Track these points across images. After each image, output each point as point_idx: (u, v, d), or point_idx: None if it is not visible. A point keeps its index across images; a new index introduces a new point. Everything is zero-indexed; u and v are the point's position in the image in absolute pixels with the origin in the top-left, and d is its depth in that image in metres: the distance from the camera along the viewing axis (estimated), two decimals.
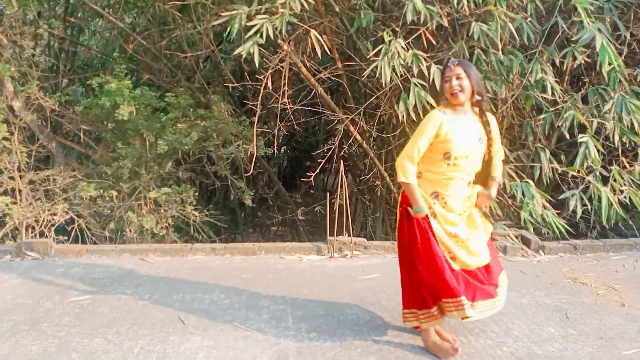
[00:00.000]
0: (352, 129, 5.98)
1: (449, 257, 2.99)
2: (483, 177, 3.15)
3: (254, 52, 4.63)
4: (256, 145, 6.01)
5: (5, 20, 6.43)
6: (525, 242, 5.18)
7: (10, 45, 6.38)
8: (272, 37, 4.65)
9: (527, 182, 5.35)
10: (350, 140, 6.10)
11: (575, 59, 5.22)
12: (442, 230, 2.99)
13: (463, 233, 3.04)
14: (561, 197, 5.44)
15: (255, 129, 5.64)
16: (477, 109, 3.04)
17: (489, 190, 3.11)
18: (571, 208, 5.34)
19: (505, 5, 4.92)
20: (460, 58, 4.34)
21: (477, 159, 3.00)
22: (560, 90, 5.16)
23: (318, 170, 5.90)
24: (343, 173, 4.93)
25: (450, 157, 2.90)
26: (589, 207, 5.39)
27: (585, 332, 3.43)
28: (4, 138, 5.98)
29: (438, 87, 3.09)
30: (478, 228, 3.11)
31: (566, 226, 5.34)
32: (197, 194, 6.42)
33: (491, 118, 3.10)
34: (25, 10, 6.49)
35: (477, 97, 2.96)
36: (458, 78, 2.88)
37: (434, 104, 5.08)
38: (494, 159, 3.14)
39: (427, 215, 2.97)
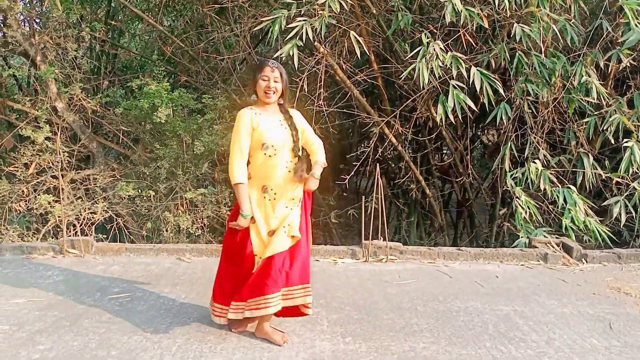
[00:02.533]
0: (387, 131, 5.95)
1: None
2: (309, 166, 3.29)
3: (293, 54, 4.64)
4: None
5: (49, 24, 6.61)
6: (567, 250, 5.03)
7: (54, 47, 6.55)
8: (311, 39, 4.66)
9: (569, 187, 5.22)
10: (386, 143, 6.05)
11: (620, 61, 5.08)
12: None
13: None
14: (604, 203, 5.28)
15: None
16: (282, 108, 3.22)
17: (313, 172, 3.20)
18: (614, 215, 5.19)
19: (548, 6, 4.82)
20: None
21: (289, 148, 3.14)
22: (609, 92, 5.02)
23: (352, 173, 5.86)
24: (379, 176, 4.88)
25: (268, 148, 3.06)
26: (634, 214, 5.23)
27: (629, 343, 3.33)
28: (47, 138, 6.14)
29: (252, 84, 3.18)
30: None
31: (609, 234, 5.18)
32: (232, 195, 6.45)
33: (294, 112, 3.26)
34: (69, 13, 6.67)
35: (281, 102, 3.19)
36: (275, 80, 3.07)
37: (473, 106, 5.01)
38: (311, 147, 3.30)
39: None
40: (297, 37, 4.69)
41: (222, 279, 3.28)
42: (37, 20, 7.29)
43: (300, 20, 4.69)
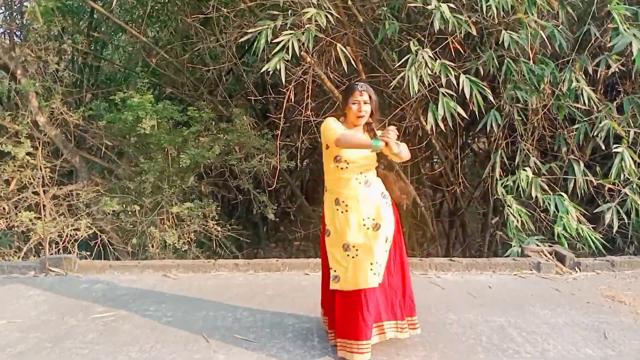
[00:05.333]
0: None
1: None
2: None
3: (280, 69, 4.62)
4: (279, 159, 5.94)
5: (30, 36, 6.53)
6: (560, 258, 4.98)
7: (35, 60, 6.47)
8: (297, 52, 4.64)
9: (560, 195, 5.21)
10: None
11: (609, 67, 5.08)
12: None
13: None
14: (596, 210, 5.27)
15: (278, 142, 5.58)
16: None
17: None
18: (607, 222, 5.18)
19: (536, 12, 4.81)
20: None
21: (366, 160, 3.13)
22: (598, 98, 5.02)
23: None
24: None
25: (341, 160, 3.08)
26: (626, 220, 5.22)
27: (624, 352, 3.29)
28: (28, 153, 6.03)
29: (342, 106, 3.21)
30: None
31: (602, 241, 5.16)
32: (219, 208, 6.38)
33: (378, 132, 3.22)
34: (50, 25, 6.58)
35: (370, 121, 3.17)
36: (365, 103, 3.09)
37: (463, 114, 4.98)
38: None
39: None
40: (284, 51, 4.65)
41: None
42: (18, 33, 7.24)
43: (286, 34, 4.66)
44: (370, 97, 3.10)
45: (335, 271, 3.07)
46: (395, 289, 3.18)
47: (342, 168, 3.08)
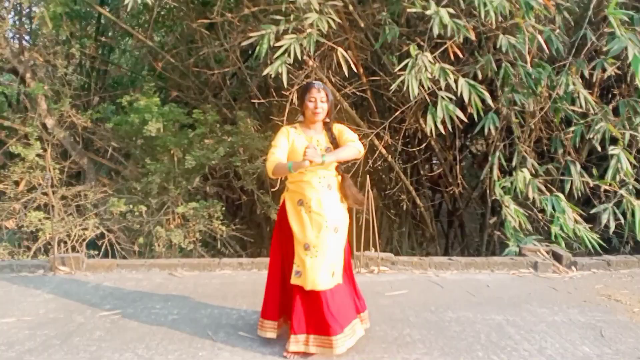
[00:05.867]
0: (377, 143, 5.96)
1: None
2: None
3: (282, 72, 4.68)
4: None
5: (39, 40, 6.61)
6: (557, 257, 5.03)
7: (44, 64, 6.55)
8: (299, 56, 4.71)
9: (557, 195, 5.24)
10: (376, 155, 6.07)
11: (604, 70, 5.13)
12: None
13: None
14: (593, 211, 5.31)
15: None
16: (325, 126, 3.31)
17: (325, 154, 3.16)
18: (603, 222, 5.20)
19: (533, 17, 4.87)
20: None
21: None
22: (594, 101, 5.07)
23: None
24: (369, 187, 4.89)
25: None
26: (622, 221, 5.25)
27: (621, 350, 3.32)
28: (37, 155, 6.11)
29: (300, 105, 3.29)
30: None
31: (599, 241, 5.19)
32: (223, 208, 6.45)
33: (338, 127, 3.34)
34: (58, 30, 6.67)
35: (327, 120, 3.27)
36: (322, 101, 3.17)
37: (462, 116, 5.03)
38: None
39: None
40: (286, 55, 4.72)
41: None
42: (27, 38, 7.33)
43: (288, 39, 4.72)
44: (327, 95, 3.18)
45: (297, 266, 3.15)
46: (348, 287, 3.33)
47: (303, 172, 3.13)
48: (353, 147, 3.20)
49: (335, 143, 3.25)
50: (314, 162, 2.95)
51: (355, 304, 3.39)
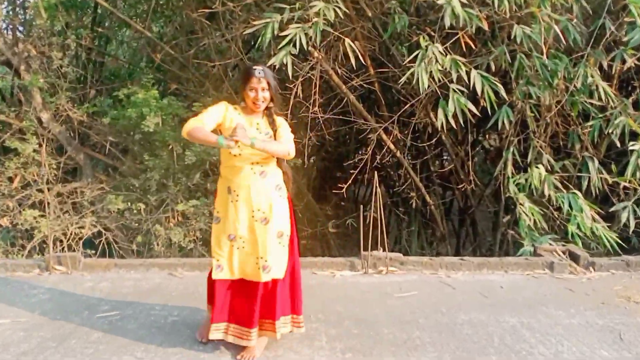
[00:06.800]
0: (385, 137, 5.88)
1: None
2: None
3: (287, 63, 4.58)
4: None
5: (33, 31, 6.52)
6: (574, 258, 4.93)
7: (38, 56, 6.46)
8: (305, 47, 4.60)
9: (574, 193, 5.14)
10: (384, 150, 5.98)
11: (624, 62, 5.01)
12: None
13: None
14: (612, 209, 5.21)
15: None
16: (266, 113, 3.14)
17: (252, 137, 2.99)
18: (623, 221, 5.11)
19: (549, 6, 4.74)
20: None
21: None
22: (613, 94, 4.94)
23: (350, 182, 5.78)
24: (377, 184, 4.76)
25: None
26: None
27: None
28: (33, 150, 6.02)
29: (240, 92, 3.09)
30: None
31: (618, 240, 5.07)
32: None
33: (280, 120, 3.17)
34: (53, 21, 6.56)
35: (270, 105, 3.09)
36: (263, 89, 2.97)
37: (474, 110, 4.91)
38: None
39: None
40: (291, 45, 4.60)
41: None
42: (21, 29, 7.22)
43: (293, 27, 4.61)
44: (268, 82, 2.97)
45: (218, 260, 3.05)
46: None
47: (235, 155, 2.95)
48: (285, 146, 3.03)
49: (275, 131, 3.08)
50: (241, 143, 2.77)
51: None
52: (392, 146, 5.94)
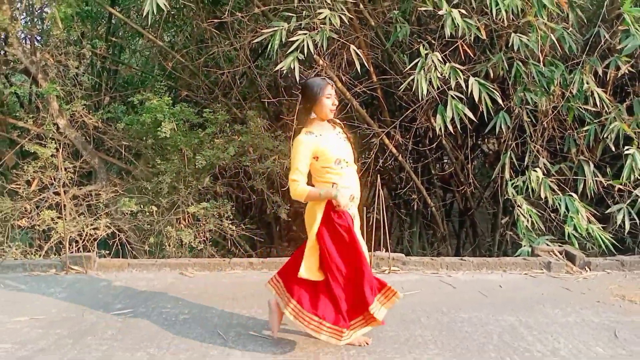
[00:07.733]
0: (387, 142, 5.95)
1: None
2: None
3: (294, 68, 4.68)
4: None
5: (50, 41, 6.65)
6: (570, 258, 4.99)
7: (55, 65, 6.58)
8: (312, 52, 4.70)
9: (570, 195, 5.20)
10: (386, 154, 6.06)
11: (618, 69, 5.08)
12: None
13: None
14: (607, 211, 5.26)
15: (291, 144, 5.64)
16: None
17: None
18: (618, 223, 5.16)
19: (546, 15, 4.83)
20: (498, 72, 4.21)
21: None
22: (608, 100, 5.02)
23: None
24: (380, 187, 4.87)
25: (341, 161, 3.11)
26: (637, 221, 5.20)
27: (635, 352, 3.30)
28: (51, 154, 6.15)
29: (309, 101, 3.15)
30: None
31: (613, 241, 5.15)
32: (233, 208, 6.45)
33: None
34: (69, 31, 6.70)
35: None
36: (335, 96, 3.16)
37: (472, 116, 5.00)
38: None
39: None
40: (298, 51, 4.72)
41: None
42: (38, 38, 7.35)
43: (301, 34, 4.72)
44: (335, 90, 3.19)
45: None
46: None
47: (342, 167, 3.12)
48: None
49: (346, 133, 3.29)
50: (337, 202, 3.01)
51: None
52: (394, 150, 6.02)
